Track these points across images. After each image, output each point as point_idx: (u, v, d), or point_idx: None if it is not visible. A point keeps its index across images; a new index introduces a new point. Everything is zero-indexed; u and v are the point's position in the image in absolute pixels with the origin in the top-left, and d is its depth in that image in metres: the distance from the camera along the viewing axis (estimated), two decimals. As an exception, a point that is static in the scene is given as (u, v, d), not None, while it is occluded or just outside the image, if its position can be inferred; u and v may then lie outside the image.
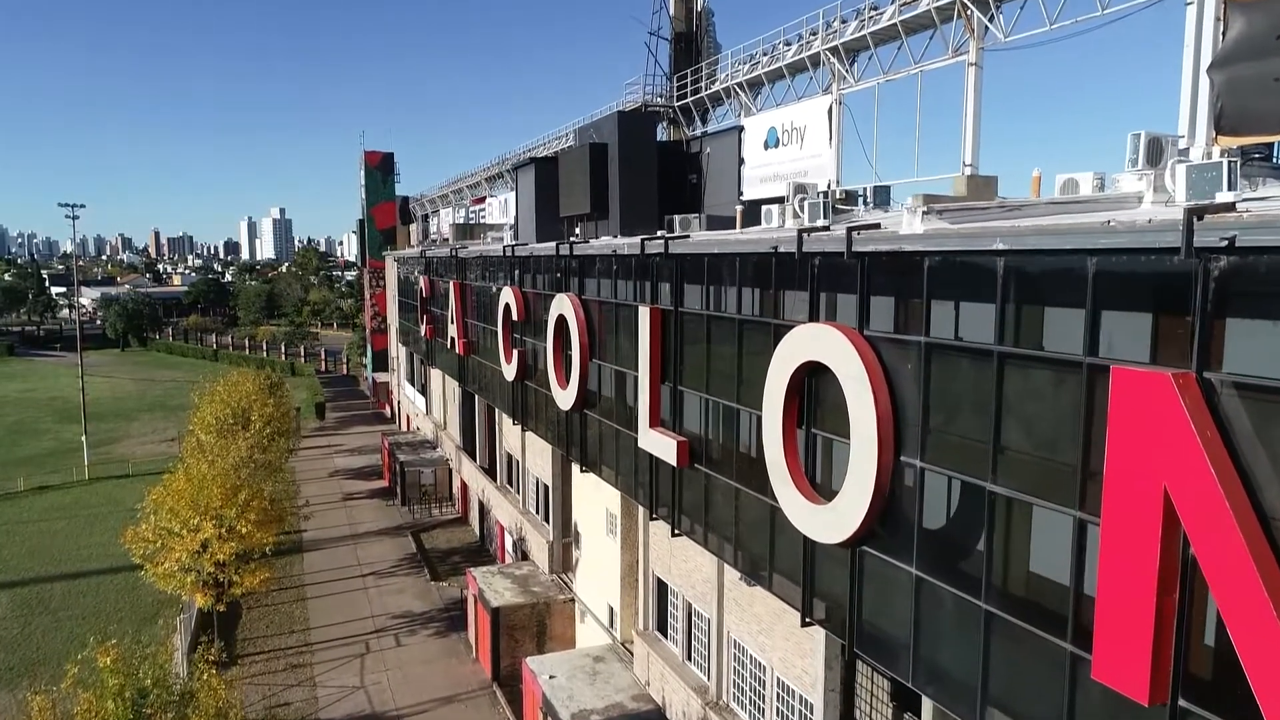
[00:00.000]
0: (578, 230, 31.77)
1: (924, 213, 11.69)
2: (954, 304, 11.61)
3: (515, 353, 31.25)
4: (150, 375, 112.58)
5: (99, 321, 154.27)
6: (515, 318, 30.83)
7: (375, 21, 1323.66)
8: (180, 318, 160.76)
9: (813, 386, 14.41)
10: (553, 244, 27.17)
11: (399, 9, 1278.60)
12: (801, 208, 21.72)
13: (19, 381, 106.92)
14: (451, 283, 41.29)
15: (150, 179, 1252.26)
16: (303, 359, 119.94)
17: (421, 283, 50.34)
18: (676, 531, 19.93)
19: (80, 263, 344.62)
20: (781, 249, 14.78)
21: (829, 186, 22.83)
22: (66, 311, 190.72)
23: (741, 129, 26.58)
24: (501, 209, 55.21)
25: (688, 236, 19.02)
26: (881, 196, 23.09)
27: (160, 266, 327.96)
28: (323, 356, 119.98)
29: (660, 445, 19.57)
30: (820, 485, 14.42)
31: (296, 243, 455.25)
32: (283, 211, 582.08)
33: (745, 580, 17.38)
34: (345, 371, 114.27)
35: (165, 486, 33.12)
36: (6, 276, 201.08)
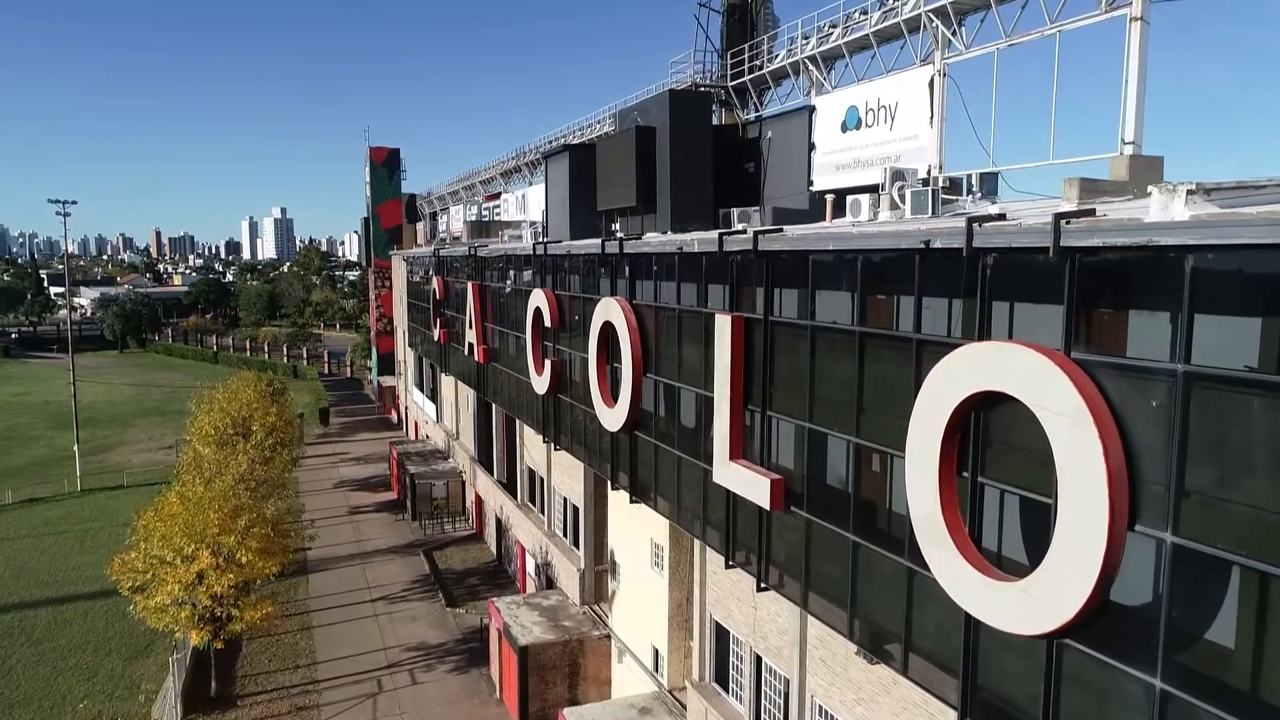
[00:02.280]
0: (616, 226, 28.49)
1: (1189, 193, 8.36)
2: (1239, 319, 8.29)
3: (548, 363, 27.93)
4: (148, 378, 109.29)
5: (93, 322, 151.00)
6: (548, 324, 27.51)
7: (378, 15, 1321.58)
8: (180, 318, 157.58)
9: (983, 423, 11.09)
10: (596, 241, 23.87)
11: (402, 2, 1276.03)
12: (902, 197, 18.47)
13: (13, 385, 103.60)
14: (470, 284, 37.97)
15: (152, 178, 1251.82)
16: (305, 361, 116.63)
17: (435, 284, 47.01)
18: (764, 585, 16.61)
19: (81, 263, 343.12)
20: (938, 244, 11.44)
21: (929, 173, 19.53)
22: (64, 311, 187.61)
23: (812, 109, 23.27)
24: (518, 205, 51.97)
25: (781, 230, 15.70)
26: (989, 184, 19.84)
27: (161, 266, 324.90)
28: (326, 359, 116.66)
29: (744, 482, 16.25)
30: (992, 552, 11.10)
31: (298, 242, 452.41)
32: (284, 211, 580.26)
33: (865, 657, 14.11)
34: (349, 375, 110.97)
35: (157, 510, 29.83)
36: (5, 277, 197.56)
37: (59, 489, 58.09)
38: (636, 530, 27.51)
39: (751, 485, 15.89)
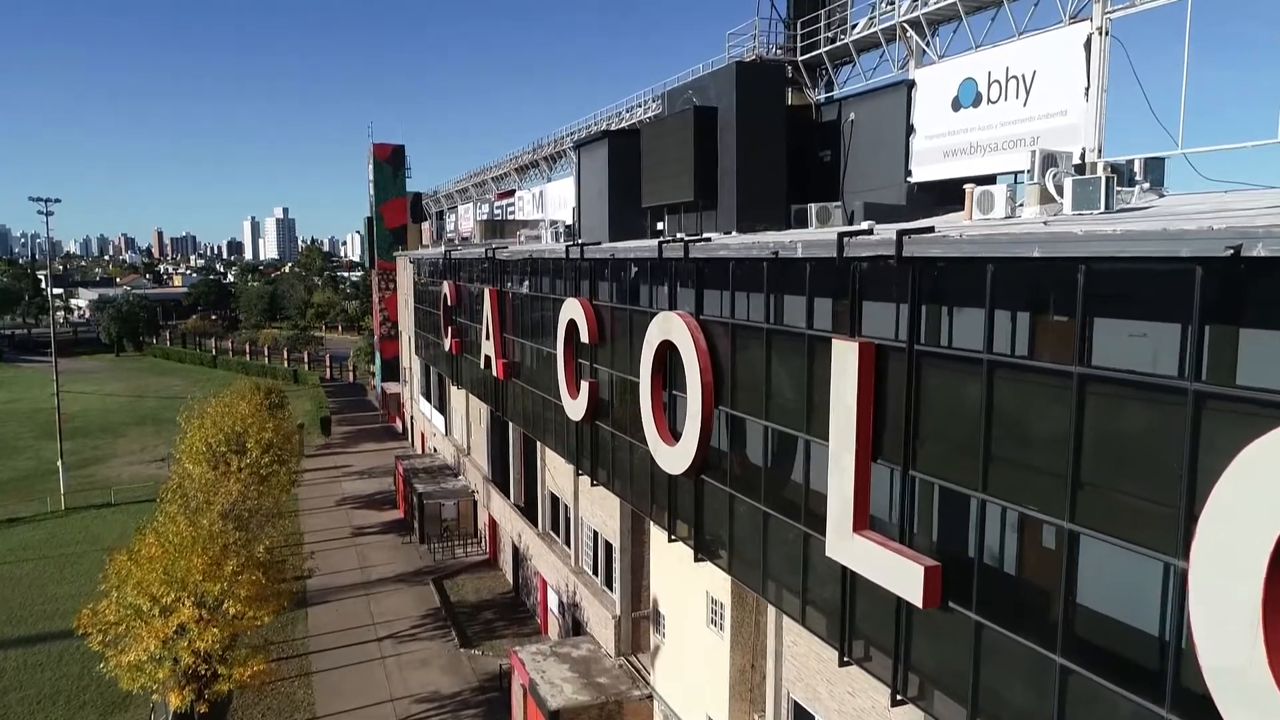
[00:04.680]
0: (662, 225, 24.55)
1: None
2: None
3: (584, 385, 23.96)
4: (144, 383, 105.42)
5: (90, 324, 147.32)
6: (585, 339, 23.56)
7: (382, 10, 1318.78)
8: (180, 320, 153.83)
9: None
10: (650, 243, 19.93)
11: None
12: (1058, 188, 14.59)
13: (3, 391, 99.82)
14: (487, 290, 34.00)
15: (154, 178, 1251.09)
16: (306, 365, 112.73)
17: (446, 288, 43.05)
18: (902, 698, 12.62)
19: (82, 263, 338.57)
20: (1261, 250, 7.44)
21: (1083, 157, 15.57)
22: (61, 314, 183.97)
23: (911, 84, 19.30)
24: (535, 203, 48.11)
25: (930, 230, 11.75)
26: (1155, 172, 15.90)
27: (161, 267, 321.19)
28: (328, 362, 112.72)
29: (880, 565, 12.25)
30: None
31: (300, 243, 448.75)
32: (286, 211, 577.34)
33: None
34: (352, 380, 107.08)
35: (131, 554, 25.90)
36: (4, 278, 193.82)
37: (41, 507, 54.20)
38: (688, 579, 23.54)
39: (892, 571, 11.90)
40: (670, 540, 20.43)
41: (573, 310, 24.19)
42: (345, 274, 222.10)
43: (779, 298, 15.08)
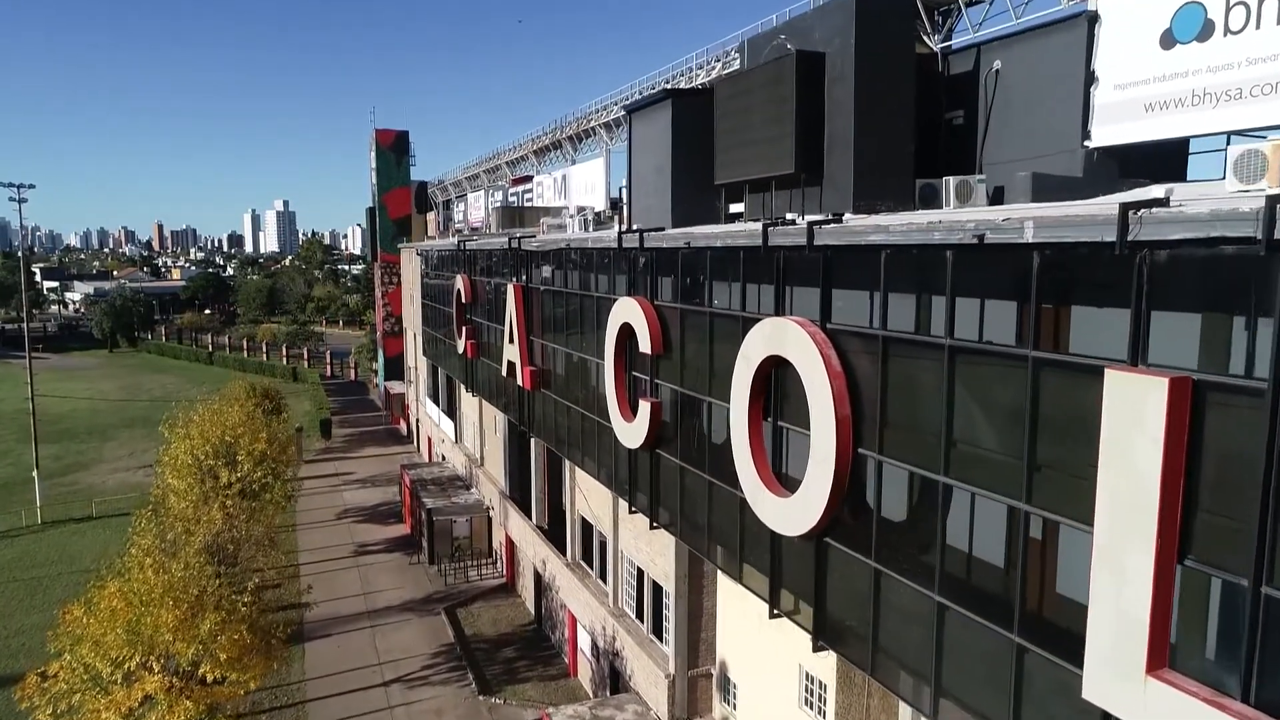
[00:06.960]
0: (738, 206, 19.87)
1: None
2: None
3: (644, 405, 19.32)
4: (136, 381, 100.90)
5: (84, 319, 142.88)
6: (646, 349, 18.91)
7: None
8: (178, 314, 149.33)
9: None
10: (748, 227, 15.29)
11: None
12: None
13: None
14: (511, 286, 29.36)
15: (155, 171, 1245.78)
16: (306, 363, 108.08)
17: (460, 283, 38.40)
18: None
19: (81, 256, 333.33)
20: None
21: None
22: (56, 308, 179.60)
23: (1093, 18, 14.65)
24: (556, 188, 43.44)
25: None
26: None
27: (161, 260, 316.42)
28: (328, 360, 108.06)
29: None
30: None
31: (300, 235, 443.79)
32: (286, 204, 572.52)
33: None
34: (354, 378, 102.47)
35: (89, 607, 21.37)
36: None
37: (16, 521, 49.64)
38: (773, 644, 18.98)
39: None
40: (773, 616, 15.77)
41: (628, 312, 19.55)
42: (346, 267, 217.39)
43: (973, 302, 10.45)
